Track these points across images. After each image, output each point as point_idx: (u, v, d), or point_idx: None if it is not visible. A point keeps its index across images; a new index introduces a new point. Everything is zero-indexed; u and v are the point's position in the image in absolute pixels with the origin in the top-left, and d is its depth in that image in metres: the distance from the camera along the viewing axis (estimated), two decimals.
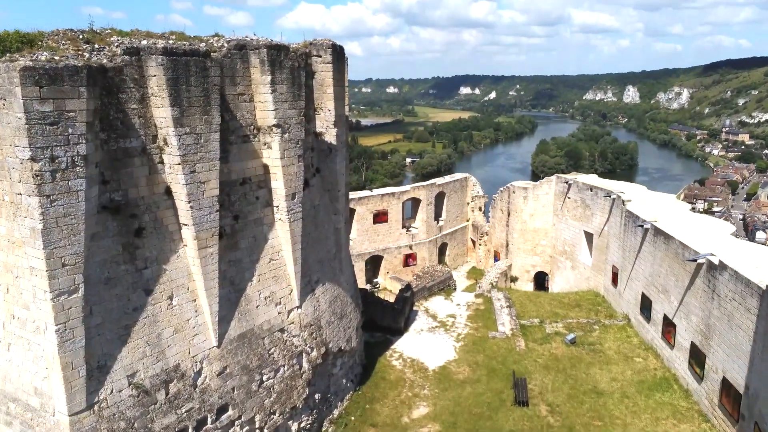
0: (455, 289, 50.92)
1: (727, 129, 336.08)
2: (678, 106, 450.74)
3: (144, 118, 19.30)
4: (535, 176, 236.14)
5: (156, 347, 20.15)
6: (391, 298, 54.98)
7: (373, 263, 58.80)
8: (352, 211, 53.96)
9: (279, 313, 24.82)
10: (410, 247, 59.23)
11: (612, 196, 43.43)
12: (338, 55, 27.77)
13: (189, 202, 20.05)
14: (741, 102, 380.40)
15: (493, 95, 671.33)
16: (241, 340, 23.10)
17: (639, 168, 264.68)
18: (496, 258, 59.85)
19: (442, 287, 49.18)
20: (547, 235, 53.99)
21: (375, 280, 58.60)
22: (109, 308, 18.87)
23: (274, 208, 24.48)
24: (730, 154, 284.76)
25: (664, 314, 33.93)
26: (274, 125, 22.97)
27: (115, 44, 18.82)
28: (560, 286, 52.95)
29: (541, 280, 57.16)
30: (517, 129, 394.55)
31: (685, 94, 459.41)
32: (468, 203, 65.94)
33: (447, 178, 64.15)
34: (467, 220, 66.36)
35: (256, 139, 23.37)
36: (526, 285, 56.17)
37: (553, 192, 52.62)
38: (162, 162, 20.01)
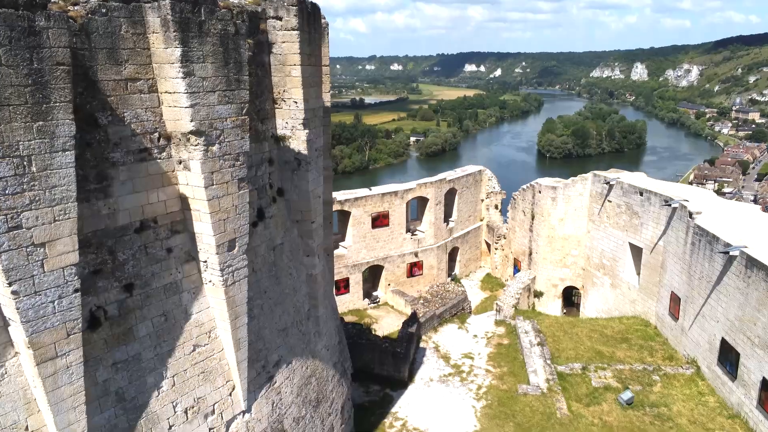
0: (470, 313, 41.91)
1: (738, 107, 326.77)
2: (687, 84, 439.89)
3: None
4: (542, 156, 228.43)
5: None
6: (394, 315, 46.16)
7: (373, 274, 49.80)
8: (348, 215, 45.05)
9: (210, 430, 15.58)
10: (415, 255, 50.05)
11: (673, 205, 34.07)
12: (310, 17, 18.13)
13: (10, 283, 10.74)
14: (752, 79, 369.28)
15: (498, 72, 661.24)
16: None
17: (647, 147, 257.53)
18: (516, 267, 50.68)
19: (454, 312, 40.08)
20: (579, 244, 44.69)
21: (374, 294, 49.58)
22: None
23: (201, 265, 15.10)
24: (741, 133, 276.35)
25: (764, 378, 24.81)
26: (192, 132, 13.55)
27: None
28: (595, 306, 43.79)
29: (569, 296, 48.07)
30: (523, 107, 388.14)
31: (695, 71, 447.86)
32: (482, 200, 56.56)
33: (459, 172, 54.62)
34: (481, 220, 57.08)
35: (163, 154, 13.93)
36: (553, 302, 47.03)
37: (589, 193, 43.24)
38: None
